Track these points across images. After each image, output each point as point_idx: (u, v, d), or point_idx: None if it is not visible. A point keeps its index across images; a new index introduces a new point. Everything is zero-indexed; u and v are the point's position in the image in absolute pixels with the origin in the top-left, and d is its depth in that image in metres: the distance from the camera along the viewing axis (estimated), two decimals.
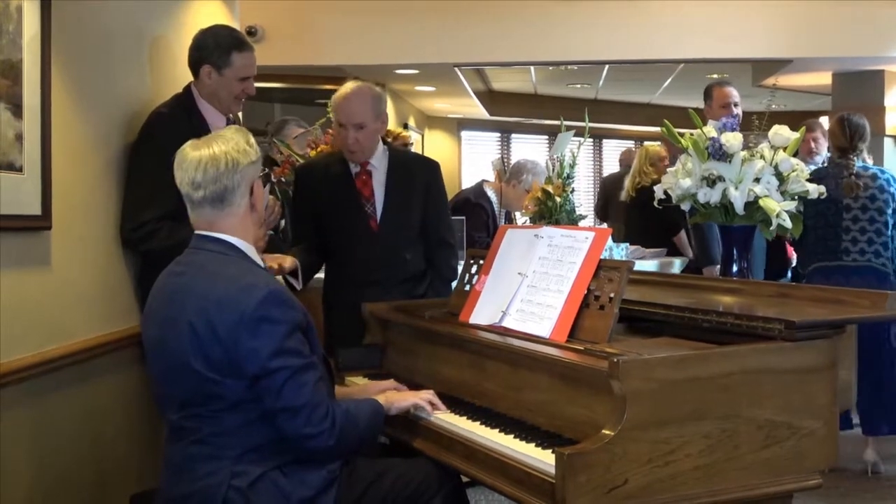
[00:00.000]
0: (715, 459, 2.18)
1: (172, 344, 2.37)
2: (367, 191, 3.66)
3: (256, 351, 2.29)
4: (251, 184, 2.45)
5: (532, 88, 12.85)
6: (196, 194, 2.41)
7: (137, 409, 3.36)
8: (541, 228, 2.85)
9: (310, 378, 2.35)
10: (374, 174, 3.67)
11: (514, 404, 2.51)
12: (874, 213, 4.69)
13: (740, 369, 2.22)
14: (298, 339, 2.37)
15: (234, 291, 2.32)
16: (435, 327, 2.93)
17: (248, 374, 2.30)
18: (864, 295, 2.58)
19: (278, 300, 2.34)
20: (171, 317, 2.38)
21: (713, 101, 4.99)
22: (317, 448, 2.37)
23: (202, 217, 2.45)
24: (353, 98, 3.61)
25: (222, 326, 2.29)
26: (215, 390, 2.33)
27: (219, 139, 2.44)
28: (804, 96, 11.01)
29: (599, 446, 2.04)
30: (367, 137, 3.60)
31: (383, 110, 3.72)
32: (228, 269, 2.39)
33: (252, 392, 2.32)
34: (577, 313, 2.53)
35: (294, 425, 2.33)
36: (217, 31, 3.45)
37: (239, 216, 2.44)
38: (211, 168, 2.38)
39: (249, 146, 2.46)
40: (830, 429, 2.36)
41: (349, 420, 2.41)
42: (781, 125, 3.26)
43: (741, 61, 8.65)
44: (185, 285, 2.40)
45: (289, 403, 2.31)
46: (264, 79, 7.99)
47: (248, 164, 2.43)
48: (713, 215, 3.24)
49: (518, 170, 5.74)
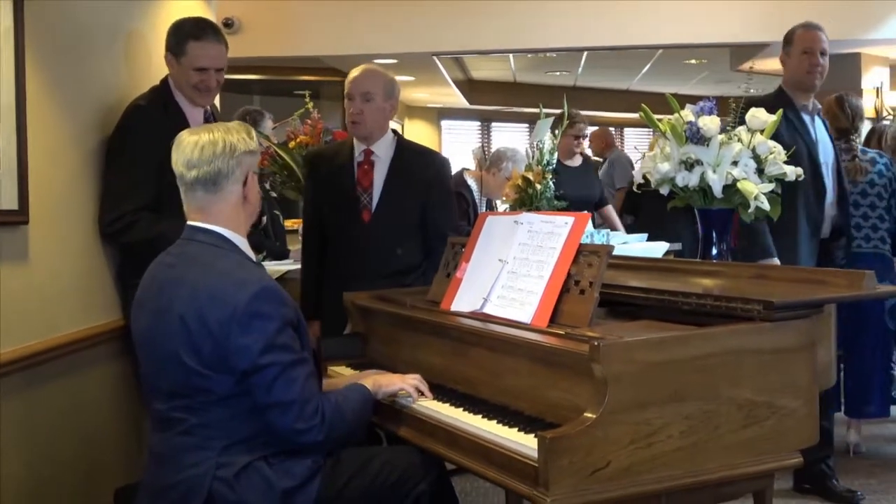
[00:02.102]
0: (696, 440, 2.19)
1: (162, 336, 2.37)
2: (366, 181, 3.64)
3: (247, 347, 2.29)
4: (246, 173, 2.45)
5: (511, 77, 12.87)
6: (189, 174, 2.40)
7: (121, 402, 3.36)
8: (520, 215, 2.85)
9: (300, 373, 2.35)
10: (376, 164, 3.65)
11: (497, 390, 2.52)
12: (874, 198, 4.62)
13: (720, 350, 2.24)
14: (289, 334, 2.37)
15: (226, 286, 2.32)
16: (416, 315, 2.93)
17: (238, 369, 2.31)
18: (842, 274, 2.60)
19: (270, 296, 2.34)
20: (161, 308, 2.38)
21: (793, 46, 4.19)
22: (307, 442, 2.37)
23: (195, 202, 2.44)
24: (365, 72, 3.65)
25: (213, 321, 2.29)
26: (204, 384, 2.33)
27: (220, 127, 2.46)
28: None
29: (581, 429, 2.05)
30: (372, 112, 3.59)
31: (395, 95, 3.72)
32: (220, 262, 2.39)
33: (241, 387, 2.33)
34: (557, 298, 2.53)
35: (285, 420, 2.34)
36: (183, 21, 3.43)
37: (231, 204, 2.44)
38: (208, 149, 2.39)
39: (250, 137, 2.47)
40: (810, 408, 2.38)
41: (338, 413, 2.42)
42: (759, 108, 3.27)
43: (718, 46, 8.69)
44: (176, 277, 2.40)
45: (279, 399, 2.32)
46: (242, 70, 8.03)
47: (245, 151, 2.43)
48: (692, 199, 3.25)
49: (498, 158, 5.76)
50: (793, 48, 4.17)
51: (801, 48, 4.12)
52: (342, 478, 2.44)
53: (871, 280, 2.48)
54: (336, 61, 8.09)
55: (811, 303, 2.39)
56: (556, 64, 11.51)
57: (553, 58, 10.67)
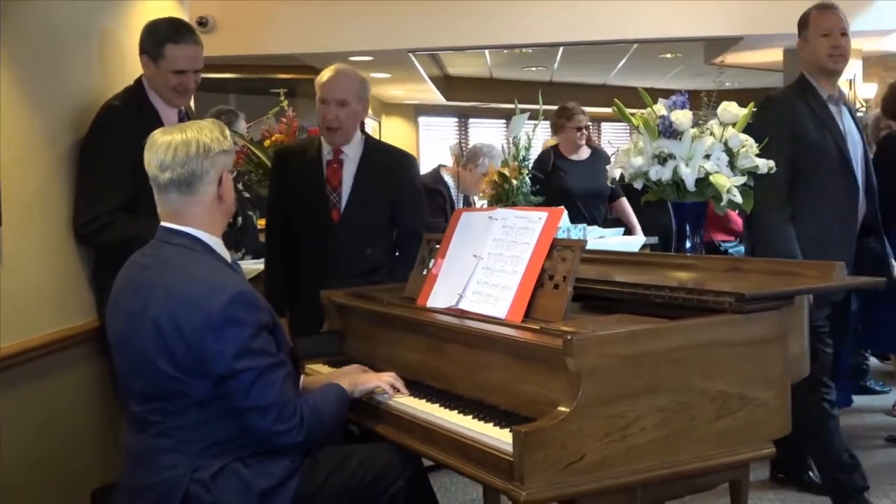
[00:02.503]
0: (670, 432, 2.21)
1: (136, 339, 2.36)
2: (335, 180, 3.65)
3: (222, 352, 2.28)
4: (220, 173, 2.44)
5: (488, 73, 12.87)
6: (163, 176, 2.38)
7: (97, 403, 3.35)
8: (495, 210, 2.86)
9: (277, 377, 2.35)
10: (345, 163, 3.66)
11: (473, 385, 2.53)
12: None
13: (692, 343, 2.26)
14: (265, 338, 2.37)
15: (200, 291, 2.31)
16: (393, 312, 2.94)
17: (213, 374, 2.30)
18: (813, 266, 2.63)
19: (244, 302, 2.33)
20: (135, 311, 2.37)
21: (810, 30, 3.86)
22: (286, 444, 2.38)
23: (168, 205, 2.42)
24: (338, 75, 3.64)
25: (188, 326, 2.29)
26: (180, 388, 2.32)
27: (193, 126, 2.43)
28: (757, 73, 11.12)
29: (555, 423, 2.06)
30: (348, 116, 3.60)
31: (366, 96, 3.72)
32: (195, 266, 2.37)
33: (217, 391, 2.32)
34: (532, 293, 2.55)
35: (264, 423, 2.34)
36: (157, 23, 3.41)
37: (206, 205, 2.42)
38: (181, 151, 2.36)
39: (224, 136, 2.45)
40: (782, 399, 2.41)
41: (316, 414, 2.42)
42: (730, 102, 3.29)
43: (692, 40, 8.72)
44: (150, 280, 2.39)
45: (258, 402, 2.32)
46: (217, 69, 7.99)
47: (219, 151, 2.41)
48: (665, 192, 3.27)
49: (474, 154, 5.77)
50: (809, 32, 3.85)
51: (819, 31, 3.80)
52: (320, 476, 2.44)
53: (841, 271, 2.51)
54: (312, 59, 8.06)
55: (782, 294, 2.42)
56: (532, 59, 11.52)
57: (529, 53, 10.69)
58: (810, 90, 3.78)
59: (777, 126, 3.62)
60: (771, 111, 3.72)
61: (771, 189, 3.49)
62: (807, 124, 3.67)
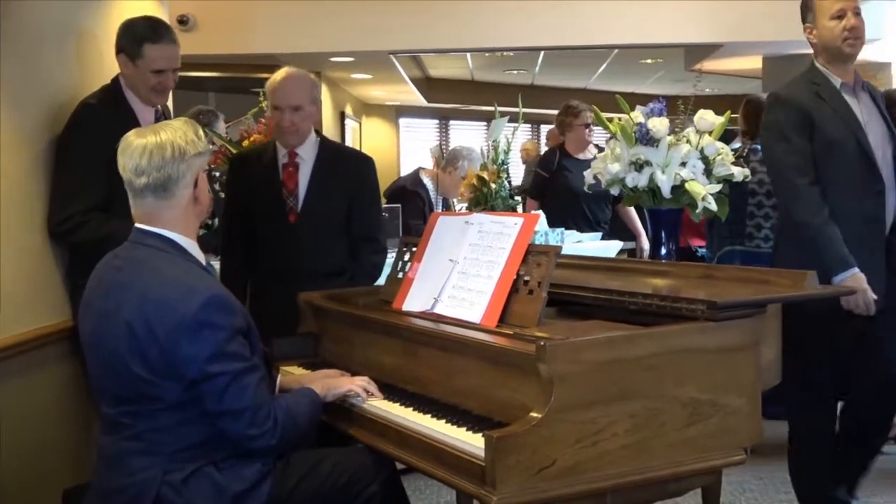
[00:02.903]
0: (641, 438, 2.22)
1: (109, 341, 2.35)
2: (291, 183, 3.63)
3: (196, 356, 2.27)
4: (196, 175, 2.42)
5: (469, 75, 12.89)
6: (138, 181, 2.36)
7: (70, 403, 3.33)
8: (471, 215, 2.87)
9: (251, 380, 2.35)
10: (301, 166, 3.64)
11: (447, 389, 2.54)
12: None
13: (665, 349, 2.27)
14: (239, 342, 2.36)
15: (174, 294, 2.30)
16: (368, 315, 2.94)
17: (186, 377, 2.29)
18: (787, 275, 2.65)
19: (219, 304, 2.32)
20: (108, 313, 2.36)
21: (816, 13, 3.45)
22: (259, 448, 2.38)
23: (143, 208, 2.41)
24: (290, 80, 3.61)
25: (161, 329, 2.27)
26: (152, 391, 2.31)
27: (167, 128, 2.40)
28: (736, 80, 11.19)
29: (527, 429, 2.07)
30: (303, 120, 3.59)
31: (319, 97, 3.72)
32: (169, 268, 2.36)
33: (190, 394, 2.31)
34: (506, 298, 2.56)
35: (237, 427, 2.33)
36: (134, 22, 3.40)
37: (181, 208, 2.41)
38: (156, 155, 2.34)
39: (198, 137, 2.42)
40: (753, 406, 2.42)
41: (290, 417, 2.42)
42: (706, 110, 3.32)
43: (673, 46, 8.76)
44: (123, 281, 2.37)
45: (231, 406, 2.31)
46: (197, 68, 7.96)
47: (195, 154, 2.39)
48: (641, 199, 3.29)
49: (454, 157, 5.77)
50: (816, 16, 3.44)
51: (828, 14, 3.39)
52: (292, 480, 2.44)
53: (813, 280, 2.54)
54: (292, 59, 8.01)
55: (754, 302, 2.43)
56: (514, 63, 11.55)
57: (510, 57, 10.71)
58: (821, 80, 3.43)
59: (789, 119, 3.36)
60: (780, 107, 3.42)
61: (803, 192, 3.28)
62: (820, 118, 3.33)
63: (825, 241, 3.22)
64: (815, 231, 3.24)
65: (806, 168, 3.29)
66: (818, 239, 3.23)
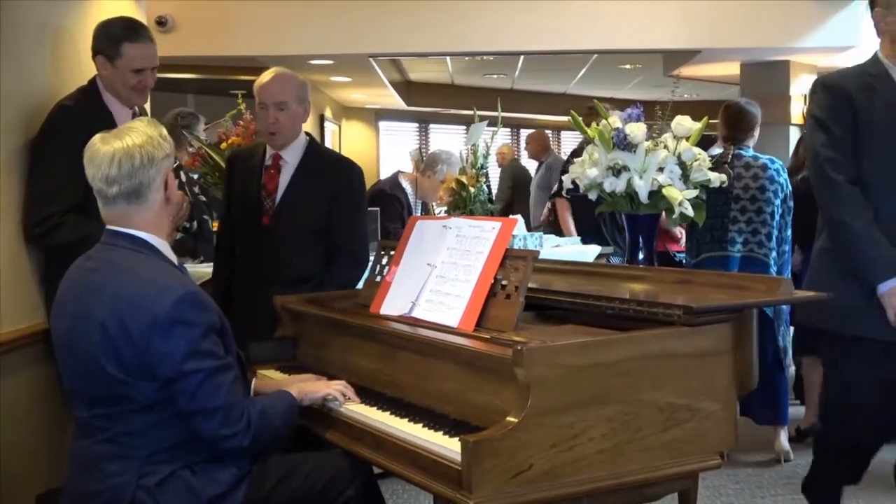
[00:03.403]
0: (618, 442, 2.23)
1: (83, 342, 2.34)
2: (271, 185, 3.61)
3: (170, 354, 2.27)
4: (165, 176, 2.42)
5: (449, 79, 12.90)
6: (110, 190, 2.36)
7: (45, 406, 3.31)
8: (450, 219, 2.88)
9: (225, 379, 2.34)
10: (283, 168, 3.61)
11: (424, 393, 2.54)
12: (762, 203, 4.63)
13: (641, 354, 2.28)
14: (213, 340, 2.36)
15: (147, 292, 2.29)
16: (346, 319, 2.94)
17: (161, 376, 2.29)
18: (762, 280, 2.67)
19: (193, 302, 2.32)
20: (81, 313, 2.35)
21: None
22: (232, 448, 2.37)
23: (115, 212, 2.40)
24: (276, 78, 3.59)
25: (135, 328, 2.27)
26: (126, 392, 2.30)
27: (131, 132, 2.39)
28: (714, 86, 11.25)
29: (504, 433, 2.07)
30: (287, 119, 3.55)
31: (306, 98, 3.67)
32: (142, 268, 2.36)
33: (164, 394, 2.31)
34: (484, 302, 2.56)
35: (210, 427, 2.32)
36: (111, 22, 3.39)
37: (154, 210, 2.41)
38: (126, 163, 2.33)
39: (163, 139, 2.43)
40: (729, 411, 2.44)
41: (264, 419, 2.41)
42: (684, 115, 3.34)
43: (652, 52, 8.81)
44: (97, 282, 2.36)
45: (204, 405, 2.31)
46: (176, 69, 7.93)
47: (162, 157, 2.40)
48: (619, 204, 3.30)
49: (433, 160, 5.76)
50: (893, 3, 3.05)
51: None
52: (269, 484, 2.44)
53: (788, 286, 2.55)
54: (272, 61, 7.99)
55: (730, 307, 2.45)
56: (494, 67, 11.57)
57: (490, 61, 10.73)
58: (879, 71, 3.09)
59: (830, 108, 3.09)
60: (822, 94, 3.15)
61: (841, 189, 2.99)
62: (866, 110, 3.02)
63: (866, 244, 2.90)
64: (854, 233, 2.92)
65: (844, 163, 3.01)
66: (857, 242, 2.92)
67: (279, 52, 7.82)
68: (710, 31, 7.90)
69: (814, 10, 7.78)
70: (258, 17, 7.64)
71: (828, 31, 7.81)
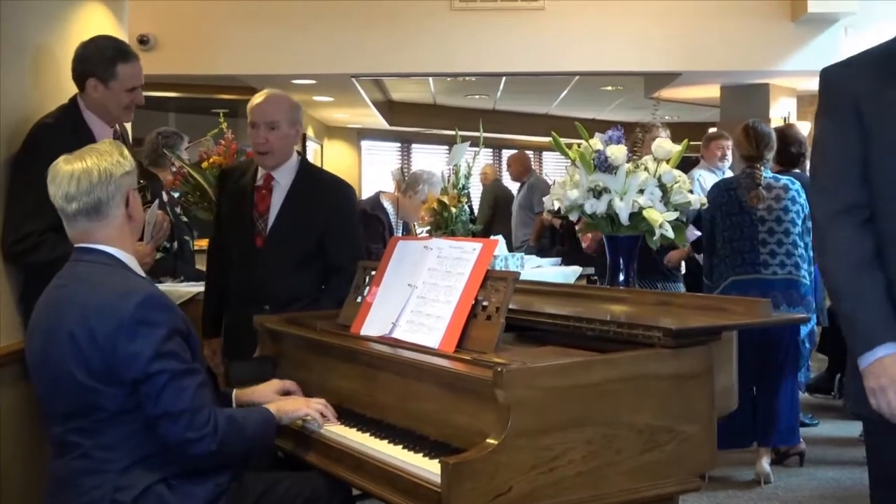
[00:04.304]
0: (598, 464, 2.23)
1: (54, 355, 2.35)
2: (263, 206, 3.59)
3: (136, 355, 2.28)
4: (126, 194, 2.45)
5: (431, 99, 12.94)
6: (70, 207, 2.40)
7: (23, 426, 3.27)
8: (431, 240, 2.88)
9: (190, 382, 2.34)
10: (275, 189, 3.60)
11: (404, 415, 2.53)
12: (788, 224, 4.67)
13: (621, 376, 2.28)
14: (178, 343, 2.37)
15: (112, 297, 2.32)
16: (326, 339, 2.93)
17: (128, 379, 2.29)
18: (741, 302, 2.67)
19: (155, 303, 2.35)
20: (51, 328, 2.37)
21: None
22: (199, 454, 2.35)
23: (78, 229, 2.45)
24: (268, 99, 3.59)
25: (101, 333, 2.29)
26: (96, 400, 2.31)
27: (92, 152, 2.44)
28: (695, 108, 11.34)
29: (484, 455, 2.07)
30: (278, 139, 3.54)
31: (299, 120, 3.67)
32: (109, 278, 2.39)
33: (133, 400, 2.31)
34: (465, 323, 2.56)
35: (174, 430, 2.31)
36: (100, 43, 3.38)
37: (116, 227, 2.44)
38: (84, 180, 2.38)
39: (123, 157, 2.46)
40: (709, 433, 2.43)
41: (234, 426, 2.41)
42: (664, 138, 3.35)
43: (633, 74, 8.88)
44: (65, 296, 2.39)
45: (169, 408, 2.30)
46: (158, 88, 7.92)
47: (122, 174, 2.43)
48: (600, 225, 3.31)
49: (414, 180, 5.75)
50: None
51: None
52: (247, 501, 2.43)
53: (766, 308, 2.56)
54: (254, 80, 8.03)
55: (709, 329, 2.45)
56: (476, 87, 11.62)
57: (472, 81, 10.78)
58: None
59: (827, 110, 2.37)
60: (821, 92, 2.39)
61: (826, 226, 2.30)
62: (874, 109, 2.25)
63: (850, 302, 2.23)
64: (839, 282, 2.26)
65: (839, 189, 2.28)
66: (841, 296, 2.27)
67: (261, 72, 7.84)
68: (690, 55, 7.98)
69: (793, 33, 7.88)
70: (240, 36, 7.66)
71: (807, 54, 7.90)
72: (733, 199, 4.74)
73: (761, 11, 7.83)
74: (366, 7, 7.70)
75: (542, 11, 7.92)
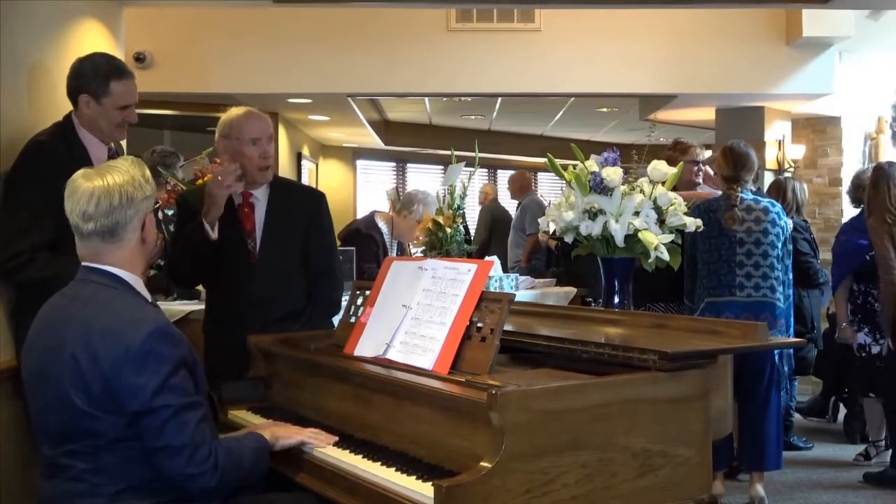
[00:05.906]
0: (592, 488, 2.21)
1: (53, 375, 2.31)
2: (248, 224, 3.57)
3: (141, 387, 2.24)
4: (144, 218, 2.41)
5: (427, 119, 12.95)
6: (86, 226, 2.35)
7: (13, 445, 3.25)
8: (425, 261, 2.87)
9: (192, 417, 2.31)
10: (256, 206, 3.58)
11: (398, 437, 2.51)
12: (767, 247, 4.64)
13: (616, 399, 2.27)
14: (184, 375, 2.33)
15: (120, 325, 2.28)
16: (319, 359, 2.92)
17: (129, 410, 2.25)
18: (736, 326, 2.66)
19: (166, 336, 2.30)
20: (52, 347, 2.33)
21: None
22: (199, 488, 2.33)
23: (90, 248, 2.39)
24: (255, 114, 3.59)
25: (106, 359, 2.24)
26: (93, 426, 2.27)
27: (114, 171, 2.38)
28: (690, 130, 11.36)
29: (477, 478, 2.05)
30: (273, 151, 3.58)
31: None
32: (114, 302, 2.34)
33: (131, 430, 2.27)
34: (459, 345, 2.54)
35: (174, 465, 2.29)
36: (95, 60, 3.38)
37: (129, 249, 2.40)
38: (104, 201, 2.33)
39: (145, 180, 2.42)
40: (704, 457, 2.42)
41: (232, 460, 2.38)
42: (660, 160, 3.35)
43: (628, 96, 8.89)
44: (68, 316, 2.35)
45: (170, 442, 2.27)
46: (153, 105, 7.92)
47: (142, 198, 2.39)
48: (595, 247, 3.30)
49: (409, 200, 5.75)
50: None
51: None
52: None
53: (763, 332, 2.55)
54: (249, 99, 8.03)
55: (705, 353, 2.44)
56: (472, 108, 11.63)
57: (468, 102, 10.79)
58: None
59: None
60: None
61: None
62: None
63: None
64: None
65: None
66: None
67: (257, 90, 7.84)
68: (686, 77, 8.01)
69: (788, 57, 7.91)
70: (236, 54, 7.67)
71: (802, 78, 7.93)
72: (713, 220, 4.67)
73: (756, 35, 7.86)
74: (362, 27, 7.72)
75: (539, 33, 7.94)
